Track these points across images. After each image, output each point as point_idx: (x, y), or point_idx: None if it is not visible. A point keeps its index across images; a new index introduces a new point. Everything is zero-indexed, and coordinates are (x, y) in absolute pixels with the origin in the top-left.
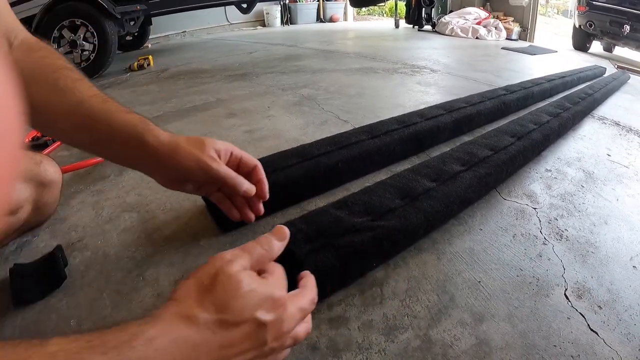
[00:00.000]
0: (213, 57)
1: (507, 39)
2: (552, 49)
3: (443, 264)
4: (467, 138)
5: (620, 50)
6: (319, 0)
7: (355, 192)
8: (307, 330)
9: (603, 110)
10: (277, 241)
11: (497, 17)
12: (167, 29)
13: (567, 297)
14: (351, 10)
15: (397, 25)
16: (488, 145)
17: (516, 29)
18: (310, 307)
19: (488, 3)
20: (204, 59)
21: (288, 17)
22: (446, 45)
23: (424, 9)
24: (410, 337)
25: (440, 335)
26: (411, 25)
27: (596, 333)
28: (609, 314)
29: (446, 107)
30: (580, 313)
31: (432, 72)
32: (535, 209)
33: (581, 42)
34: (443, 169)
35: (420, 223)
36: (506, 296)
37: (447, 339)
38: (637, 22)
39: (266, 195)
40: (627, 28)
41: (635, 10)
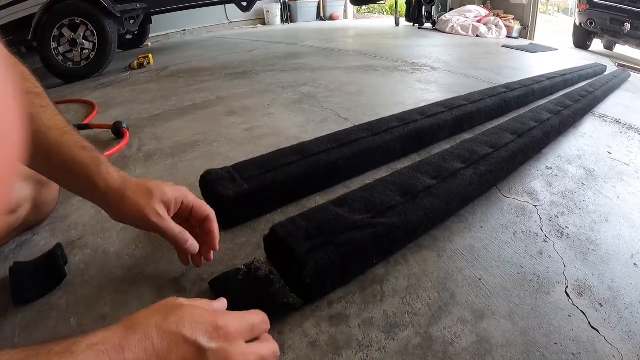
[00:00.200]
0: (213, 55)
1: (507, 36)
2: (553, 47)
3: (443, 261)
4: (467, 135)
5: (621, 48)
6: None
7: (356, 190)
8: None
9: (604, 108)
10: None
11: (498, 15)
12: (167, 27)
13: (568, 295)
14: (351, 9)
15: (397, 24)
16: (488, 142)
17: (517, 27)
18: (270, 357)
19: (488, 1)
20: (204, 58)
21: (288, 15)
22: (446, 43)
23: (424, 7)
24: (411, 335)
25: (440, 333)
26: (411, 24)
27: (597, 331)
28: (610, 312)
29: (446, 105)
30: (581, 311)
31: (433, 69)
32: (535, 206)
33: (582, 40)
34: (443, 167)
35: (421, 220)
36: (507, 294)
37: (448, 336)
38: (638, 20)
39: (216, 247)
40: (627, 26)
41: (635, 9)
